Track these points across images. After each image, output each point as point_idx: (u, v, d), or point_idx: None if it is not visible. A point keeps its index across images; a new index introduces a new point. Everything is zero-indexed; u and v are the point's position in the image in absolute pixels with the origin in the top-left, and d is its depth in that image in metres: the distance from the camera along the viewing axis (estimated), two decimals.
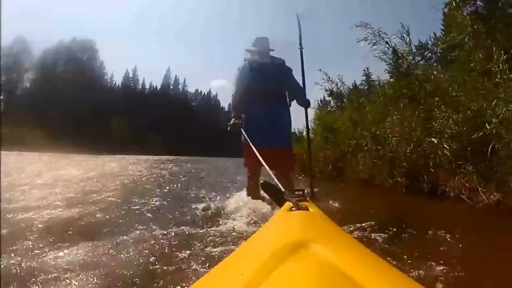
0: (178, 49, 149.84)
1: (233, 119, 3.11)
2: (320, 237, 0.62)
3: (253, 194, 3.14)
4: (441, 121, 3.87)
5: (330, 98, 9.26)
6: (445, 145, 3.87)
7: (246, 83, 3.16)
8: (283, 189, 1.25)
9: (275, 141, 3.07)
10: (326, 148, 7.17)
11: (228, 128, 3.16)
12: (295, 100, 3.46)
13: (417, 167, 4.26)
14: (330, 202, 3.40)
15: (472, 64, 3.71)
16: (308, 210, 0.89)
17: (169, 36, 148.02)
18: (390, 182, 4.75)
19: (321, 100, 9.91)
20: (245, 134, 2.96)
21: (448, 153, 3.82)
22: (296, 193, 1.22)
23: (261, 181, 1.84)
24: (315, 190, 3.44)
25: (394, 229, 2.24)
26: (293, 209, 0.89)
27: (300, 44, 3.41)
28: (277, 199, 1.38)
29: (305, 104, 3.44)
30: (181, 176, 8.14)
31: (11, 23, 67.67)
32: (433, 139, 3.98)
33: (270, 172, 1.54)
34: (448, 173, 3.79)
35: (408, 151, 4.35)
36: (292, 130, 5.18)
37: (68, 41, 74.70)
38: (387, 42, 5.12)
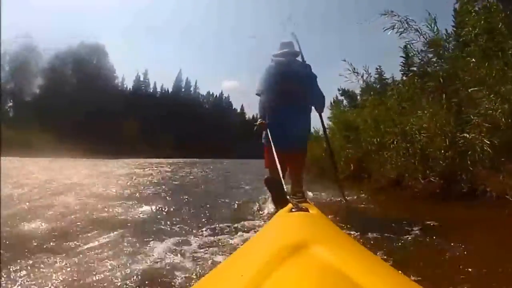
0: (189, 51, 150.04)
1: (259, 120, 3.22)
2: (320, 238, 0.62)
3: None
4: (478, 114, 3.65)
5: (342, 97, 9.03)
6: (485, 140, 3.49)
7: (272, 84, 3.23)
8: (285, 189, 1.28)
9: (294, 145, 3.19)
10: (346, 147, 6.78)
11: (255, 129, 3.29)
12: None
13: (453, 166, 3.89)
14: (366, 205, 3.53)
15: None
16: (308, 211, 0.89)
17: (180, 38, 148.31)
18: (422, 182, 4.37)
19: (333, 100, 9.67)
20: (269, 136, 3.03)
21: (489, 149, 3.46)
22: (297, 194, 1.25)
23: (266, 177, 1.82)
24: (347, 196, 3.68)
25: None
26: (293, 210, 0.90)
27: (302, 58, 3.53)
28: (277, 197, 1.45)
29: (321, 110, 3.58)
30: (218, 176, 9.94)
31: (18, 28, 70.46)
32: (468, 134, 3.79)
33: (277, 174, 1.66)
34: (489, 171, 3.52)
35: (443, 147, 3.97)
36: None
37: (77, 44, 77.18)
38: (417, 30, 4.86)
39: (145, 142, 64.40)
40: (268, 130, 3.13)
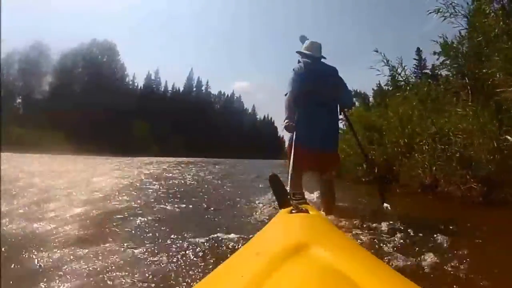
0: (201, 50, 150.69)
1: (286, 121, 3.12)
2: (320, 240, 0.63)
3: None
4: None
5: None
6: None
7: (300, 84, 3.22)
8: (288, 190, 1.40)
9: (324, 145, 3.19)
10: (370, 149, 6.44)
11: (283, 129, 3.23)
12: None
13: (498, 171, 3.54)
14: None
15: None
16: (308, 212, 0.91)
17: (192, 37, 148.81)
18: (461, 189, 4.01)
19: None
20: (295, 136, 3.07)
21: None
22: (296, 196, 1.32)
23: (271, 174, 1.51)
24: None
25: None
26: (293, 211, 0.92)
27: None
28: (278, 196, 1.32)
29: (350, 109, 3.70)
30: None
31: (29, 27, 71.57)
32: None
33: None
34: None
35: (487, 151, 3.63)
36: None
37: (87, 42, 78.29)
38: (465, 16, 4.74)
39: (155, 141, 64.77)
40: (296, 131, 3.13)
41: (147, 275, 1.64)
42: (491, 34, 4.10)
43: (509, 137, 3.63)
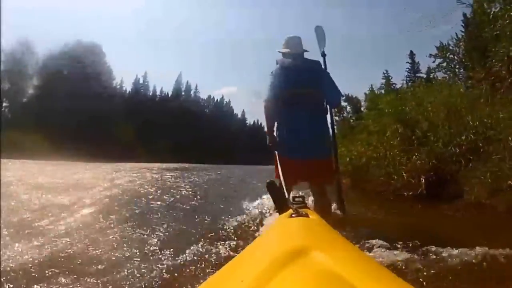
0: (190, 55, 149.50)
1: (268, 136, 3.00)
2: (320, 244, 0.63)
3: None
4: None
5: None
6: None
7: (278, 88, 2.96)
8: (286, 196, 1.33)
9: (311, 152, 2.90)
10: (409, 151, 4.89)
11: (268, 145, 2.99)
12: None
13: None
14: None
15: None
16: (308, 216, 0.90)
17: (180, 41, 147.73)
18: None
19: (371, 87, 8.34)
20: (278, 145, 2.92)
21: None
22: (296, 199, 1.33)
23: (268, 181, 1.37)
24: None
25: None
26: (293, 215, 0.91)
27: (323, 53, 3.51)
28: (277, 202, 1.29)
29: (336, 106, 3.65)
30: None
31: (14, 27, 71.27)
32: None
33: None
34: None
35: None
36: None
37: (73, 44, 76.38)
38: None
39: (143, 146, 62.86)
40: (279, 139, 2.99)
41: None
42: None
43: None
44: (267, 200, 4.27)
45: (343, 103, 8.90)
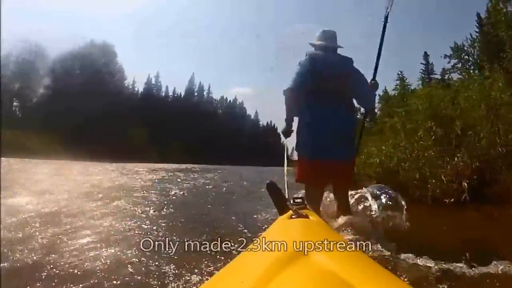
0: (202, 55, 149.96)
1: (286, 126, 2.87)
2: (320, 245, 0.62)
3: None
4: None
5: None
6: None
7: (304, 81, 2.78)
8: (286, 197, 1.36)
9: (335, 153, 2.72)
10: (446, 151, 4.62)
11: (282, 136, 2.95)
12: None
13: None
14: None
15: None
16: (308, 217, 0.89)
17: (194, 41, 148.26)
18: None
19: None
20: (297, 143, 2.88)
21: None
22: (296, 200, 1.29)
23: (268, 181, 1.42)
24: None
25: None
26: (293, 217, 0.90)
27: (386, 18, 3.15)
28: (277, 203, 1.30)
29: (370, 108, 3.33)
30: None
31: (25, 29, 72.15)
32: None
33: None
34: None
35: None
36: None
37: (85, 44, 77.33)
38: None
39: (155, 147, 63.85)
40: (298, 137, 2.88)
41: None
42: None
43: None
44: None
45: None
